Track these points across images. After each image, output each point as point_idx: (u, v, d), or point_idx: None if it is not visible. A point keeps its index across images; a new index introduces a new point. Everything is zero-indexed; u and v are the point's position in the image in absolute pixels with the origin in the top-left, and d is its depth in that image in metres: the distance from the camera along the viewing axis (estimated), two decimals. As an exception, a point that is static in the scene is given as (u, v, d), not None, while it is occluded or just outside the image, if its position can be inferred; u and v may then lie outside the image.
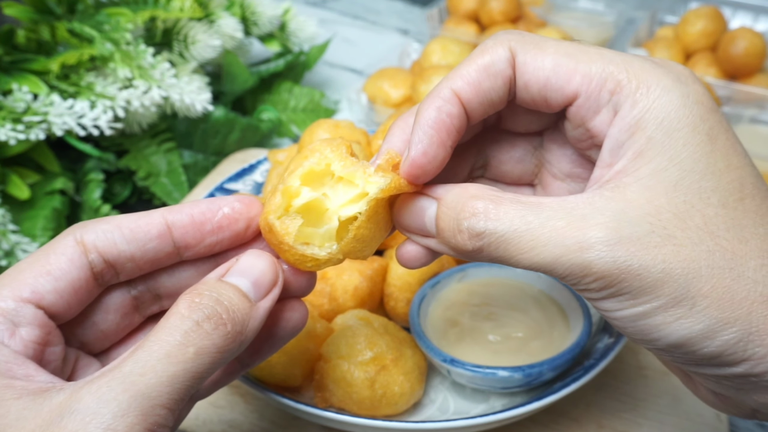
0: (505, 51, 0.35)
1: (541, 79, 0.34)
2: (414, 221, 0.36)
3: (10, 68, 0.74)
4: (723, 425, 0.54)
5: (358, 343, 0.50)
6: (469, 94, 0.35)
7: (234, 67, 0.90)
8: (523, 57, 0.35)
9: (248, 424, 0.55)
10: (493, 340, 0.52)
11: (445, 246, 0.35)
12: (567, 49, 0.34)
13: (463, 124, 0.36)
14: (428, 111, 0.35)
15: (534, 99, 0.35)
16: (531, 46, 0.35)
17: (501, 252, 0.32)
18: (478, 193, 0.33)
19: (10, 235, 0.67)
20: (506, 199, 0.32)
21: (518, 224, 0.31)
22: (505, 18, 1.06)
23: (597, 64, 0.33)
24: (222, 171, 0.83)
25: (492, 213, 0.32)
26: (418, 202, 0.36)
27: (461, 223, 0.33)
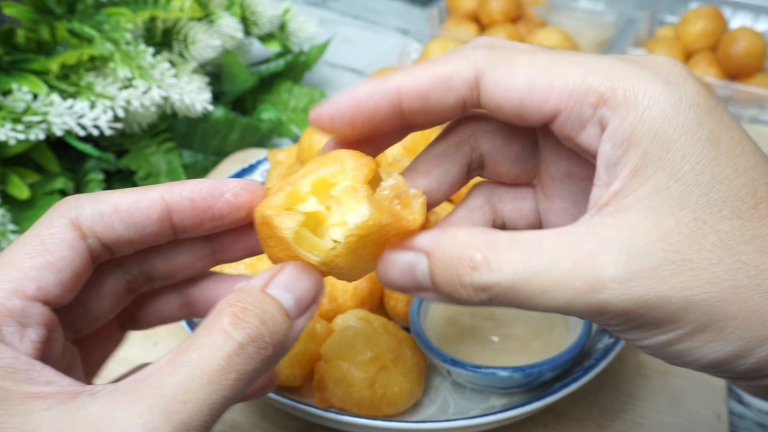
0: (467, 69, 0.32)
1: (515, 100, 0.31)
2: (404, 278, 0.33)
3: (10, 68, 0.74)
4: (723, 425, 0.54)
5: (358, 343, 0.50)
6: (413, 100, 0.33)
7: (234, 67, 0.90)
8: (492, 76, 0.32)
9: (248, 424, 0.55)
10: (493, 340, 0.52)
11: (446, 298, 0.32)
12: (541, 63, 0.31)
13: (390, 120, 0.34)
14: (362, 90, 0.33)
15: (509, 118, 0.33)
16: (502, 62, 0.32)
17: (510, 301, 0.30)
18: (471, 242, 0.30)
19: (9, 235, 0.67)
20: (503, 244, 0.30)
21: (523, 271, 0.29)
22: (505, 18, 1.06)
23: (574, 75, 0.30)
24: (222, 171, 0.83)
25: (493, 263, 0.29)
26: (403, 256, 0.32)
27: (463, 278, 0.30)
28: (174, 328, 0.63)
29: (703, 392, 0.56)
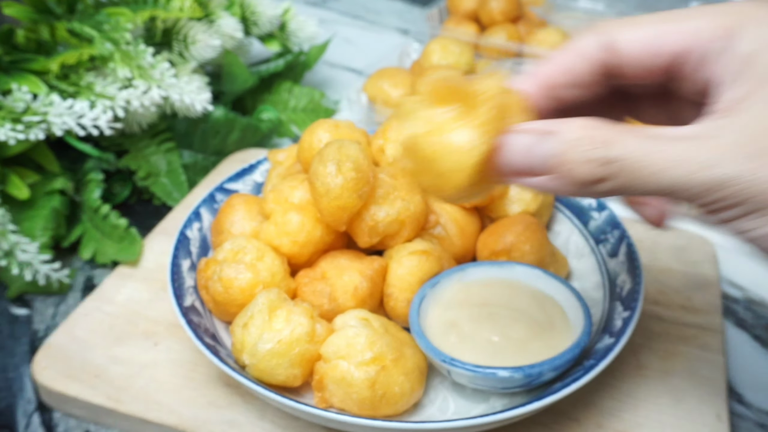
0: (596, 36, 0.38)
1: (645, 47, 0.36)
2: (524, 159, 0.36)
3: (10, 68, 0.74)
4: (723, 425, 0.54)
5: (358, 344, 0.50)
6: (558, 77, 0.39)
7: (234, 67, 0.90)
8: (621, 35, 0.37)
9: (248, 424, 0.54)
10: (493, 340, 0.52)
11: (562, 181, 0.35)
12: (663, 16, 0.36)
13: (543, 97, 0.39)
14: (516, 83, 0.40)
15: (643, 68, 0.37)
16: (628, 25, 0.37)
17: (628, 176, 0.33)
18: (605, 125, 0.34)
19: (9, 235, 0.67)
20: (631, 129, 0.33)
21: (647, 147, 0.32)
22: (506, 18, 1.06)
23: (698, 18, 0.35)
24: (222, 171, 0.83)
25: (619, 140, 0.33)
26: (527, 138, 0.36)
27: (589, 153, 0.33)
28: (174, 328, 0.63)
29: (703, 392, 0.56)
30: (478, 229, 0.64)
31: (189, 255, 0.63)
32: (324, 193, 0.54)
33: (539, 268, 0.58)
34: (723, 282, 0.72)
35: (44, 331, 0.68)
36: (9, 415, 0.60)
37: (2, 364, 0.64)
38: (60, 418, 0.59)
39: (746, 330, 0.67)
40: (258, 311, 0.52)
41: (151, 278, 0.69)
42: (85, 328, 0.63)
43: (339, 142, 0.56)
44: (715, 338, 0.61)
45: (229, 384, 0.58)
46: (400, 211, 0.57)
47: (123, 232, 0.73)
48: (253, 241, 0.57)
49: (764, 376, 0.62)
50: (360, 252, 0.60)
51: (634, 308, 0.54)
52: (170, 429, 0.55)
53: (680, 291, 0.67)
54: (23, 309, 0.71)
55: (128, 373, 0.59)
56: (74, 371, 0.59)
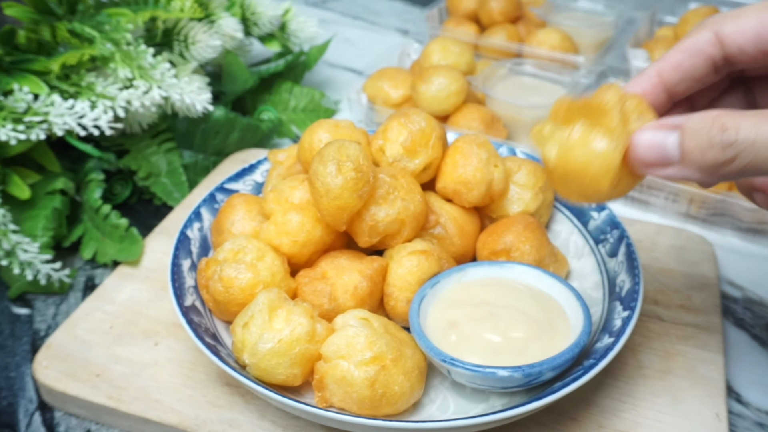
0: (706, 32, 0.41)
1: (752, 39, 0.39)
2: (654, 154, 0.40)
3: (11, 68, 0.74)
4: (722, 425, 0.54)
5: (358, 343, 0.50)
6: (670, 73, 0.43)
7: (234, 67, 0.91)
8: (727, 28, 0.40)
9: (248, 423, 0.55)
10: (493, 340, 0.53)
11: (692, 169, 0.38)
12: (765, 5, 0.39)
13: (658, 95, 0.44)
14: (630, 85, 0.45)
15: (754, 56, 0.41)
16: (730, 17, 0.40)
17: (751, 156, 0.36)
18: (722, 113, 0.37)
19: (10, 235, 0.67)
20: (750, 114, 0.36)
21: (765, 128, 0.35)
22: (505, 18, 1.06)
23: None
24: (222, 171, 0.84)
25: (737, 124, 0.36)
26: (656, 134, 0.40)
27: (713, 139, 0.36)
28: (174, 328, 0.63)
29: (702, 392, 0.56)
30: (477, 229, 0.64)
31: (189, 255, 0.63)
32: (324, 193, 0.55)
33: (539, 268, 0.58)
34: (722, 282, 0.72)
35: (45, 331, 0.68)
36: (10, 414, 0.60)
37: (4, 364, 0.65)
38: (61, 418, 0.60)
39: (745, 329, 0.67)
40: (258, 311, 0.52)
41: (152, 278, 0.69)
42: (85, 328, 0.63)
43: (339, 142, 0.56)
44: (714, 338, 0.61)
45: (229, 383, 0.58)
46: (400, 211, 0.57)
47: (123, 232, 0.73)
48: (253, 241, 0.57)
49: (763, 376, 0.63)
50: (360, 252, 0.60)
51: (633, 308, 0.54)
52: (171, 428, 0.55)
53: (679, 291, 0.67)
54: (24, 308, 0.71)
55: (129, 372, 0.59)
56: (75, 371, 0.59)
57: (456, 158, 0.62)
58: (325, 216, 0.56)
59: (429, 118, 0.63)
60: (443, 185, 0.63)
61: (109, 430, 0.58)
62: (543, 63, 0.97)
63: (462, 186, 0.62)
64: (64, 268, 0.73)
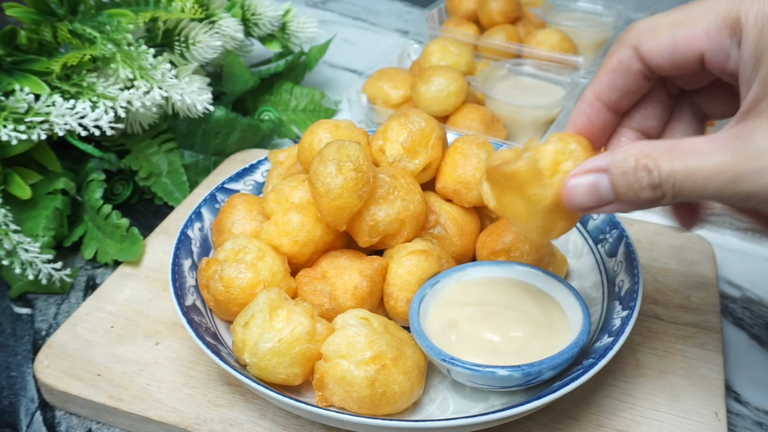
0: (627, 50, 0.43)
1: (668, 58, 0.41)
2: (590, 198, 0.42)
3: (12, 69, 0.74)
4: (721, 424, 0.54)
5: (358, 343, 0.50)
6: (607, 94, 0.45)
7: (235, 67, 0.91)
8: (644, 46, 0.42)
9: (249, 422, 0.55)
10: (493, 339, 0.53)
11: (626, 204, 0.40)
12: (676, 18, 0.40)
13: (604, 116, 0.46)
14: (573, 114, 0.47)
15: (674, 72, 0.42)
16: (646, 33, 0.41)
17: (678, 191, 0.37)
18: (641, 152, 0.38)
19: (12, 234, 0.67)
20: (666, 150, 0.38)
21: (688, 167, 0.37)
22: (505, 18, 1.07)
23: (707, 17, 0.39)
24: (223, 171, 0.84)
25: (662, 166, 0.37)
26: (585, 179, 0.41)
27: (641, 182, 0.38)
28: (175, 327, 0.63)
29: (701, 391, 0.56)
30: (477, 229, 0.65)
31: (190, 254, 0.63)
32: (324, 193, 0.55)
33: (538, 268, 0.58)
34: (721, 281, 0.73)
35: (46, 330, 0.69)
36: (12, 413, 0.60)
37: (5, 363, 0.65)
38: (62, 417, 0.60)
39: (744, 329, 0.67)
40: (259, 310, 0.52)
41: (153, 278, 0.70)
42: (86, 328, 0.64)
43: (339, 143, 0.56)
44: (713, 337, 0.61)
45: (230, 383, 0.58)
46: (400, 210, 0.58)
47: (124, 231, 0.73)
48: (253, 240, 0.58)
49: (762, 375, 0.63)
50: (360, 252, 0.60)
51: (632, 307, 0.54)
52: (171, 427, 0.55)
53: (678, 290, 0.67)
54: (25, 308, 0.71)
55: (130, 371, 0.59)
56: (76, 370, 0.59)
57: (456, 158, 0.63)
58: (325, 216, 0.56)
59: (429, 118, 0.63)
60: (443, 185, 0.63)
61: (110, 430, 0.58)
62: (542, 63, 0.98)
63: (462, 186, 0.62)
64: (65, 267, 0.73)
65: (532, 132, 0.91)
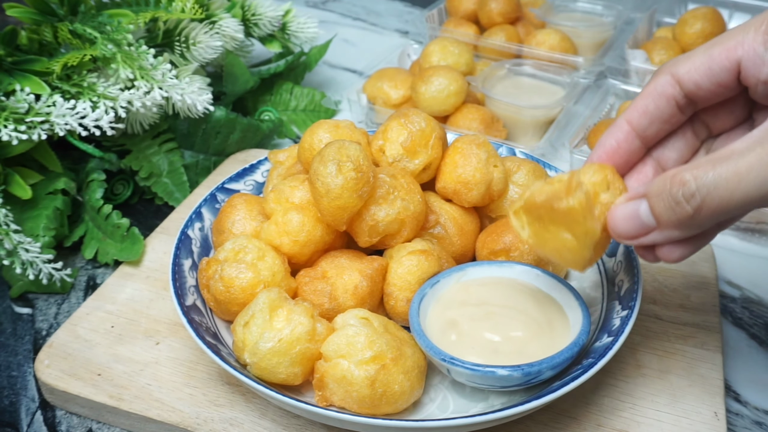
0: (664, 76, 0.44)
1: (705, 73, 0.42)
2: (632, 226, 0.43)
3: (13, 69, 0.74)
4: (721, 423, 0.54)
5: (358, 342, 0.51)
6: (639, 119, 0.46)
7: (235, 68, 0.91)
8: (681, 69, 0.43)
9: (249, 422, 0.55)
10: (493, 339, 0.53)
11: (668, 229, 0.41)
12: (713, 41, 0.42)
13: (631, 142, 0.47)
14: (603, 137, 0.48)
15: (710, 90, 0.43)
16: (683, 59, 0.44)
17: (717, 200, 0.38)
18: (677, 170, 0.40)
19: (12, 234, 0.67)
20: (701, 163, 0.39)
21: (720, 171, 0.38)
22: (505, 19, 1.07)
23: (741, 31, 0.41)
24: (223, 171, 0.84)
25: (697, 175, 0.39)
26: (626, 208, 0.43)
27: (676, 196, 0.39)
28: (175, 327, 0.63)
29: (701, 391, 0.57)
30: (477, 229, 0.65)
31: (190, 254, 0.63)
32: (324, 193, 0.55)
33: (538, 268, 0.58)
34: (721, 281, 0.73)
35: (47, 330, 0.69)
36: (12, 413, 0.60)
37: (6, 363, 0.65)
38: (62, 416, 0.60)
39: (743, 329, 0.68)
40: (259, 310, 0.52)
41: (153, 277, 0.70)
42: (87, 327, 0.64)
43: (339, 143, 0.56)
44: (712, 337, 0.62)
45: (230, 382, 0.58)
46: (400, 210, 0.58)
47: (125, 231, 0.73)
48: (254, 240, 0.58)
49: (761, 375, 0.63)
50: (360, 251, 0.60)
51: (632, 307, 0.54)
52: (172, 427, 0.55)
53: (678, 290, 0.67)
54: (26, 308, 0.71)
55: (130, 371, 0.59)
56: (76, 370, 0.59)
57: (456, 158, 0.63)
58: (325, 216, 0.56)
59: (429, 118, 0.63)
60: (443, 185, 0.63)
61: (110, 429, 0.59)
62: (542, 63, 0.98)
63: (462, 186, 0.62)
64: (66, 267, 0.73)
65: (531, 132, 0.91)
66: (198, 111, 0.80)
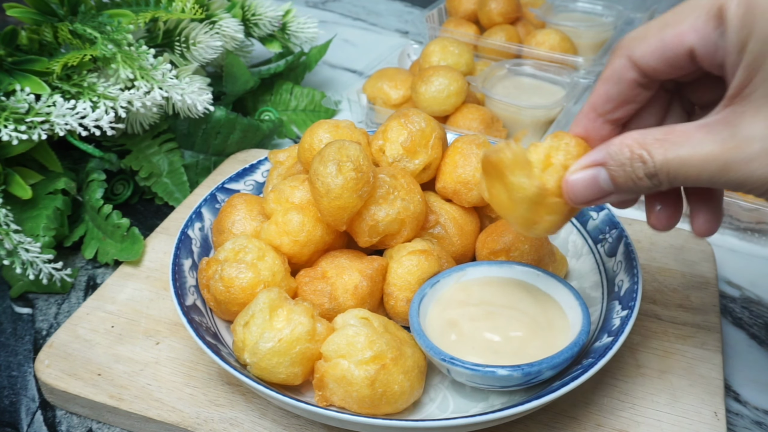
0: (620, 59, 0.43)
1: (660, 58, 0.41)
2: (590, 192, 0.44)
3: (13, 69, 0.74)
4: (721, 423, 0.54)
5: (358, 342, 0.51)
6: (603, 105, 0.46)
7: (235, 68, 0.91)
8: (636, 52, 0.42)
9: (249, 422, 0.55)
10: (493, 339, 0.53)
11: (626, 193, 0.42)
12: (665, 20, 0.41)
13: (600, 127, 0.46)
14: (571, 126, 0.48)
15: (668, 72, 0.43)
16: (637, 40, 0.42)
17: (674, 176, 0.39)
18: (635, 142, 0.40)
19: (12, 234, 0.67)
20: (660, 139, 0.39)
21: (682, 152, 0.39)
22: (505, 19, 1.07)
23: (693, 13, 0.39)
24: (223, 171, 0.84)
25: (655, 154, 0.39)
26: (585, 174, 0.44)
27: (637, 172, 0.40)
28: (175, 327, 0.64)
29: (700, 391, 0.57)
30: (477, 229, 0.65)
31: (190, 254, 0.63)
32: (324, 193, 0.55)
33: (538, 268, 0.58)
34: (720, 281, 0.73)
35: (47, 330, 0.69)
36: (13, 413, 0.60)
37: (6, 363, 0.65)
38: (63, 416, 0.60)
39: (743, 329, 0.68)
40: (259, 310, 0.52)
41: (153, 277, 0.70)
42: (87, 327, 0.64)
43: (339, 143, 0.56)
44: (712, 337, 0.62)
45: (230, 382, 0.58)
46: (400, 210, 0.58)
47: (125, 231, 0.73)
48: (254, 240, 0.58)
49: (761, 375, 0.63)
50: (360, 251, 0.60)
51: (632, 307, 0.54)
52: (172, 427, 0.55)
53: (678, 290, 0.67)
54: (26, 308, 0.72)
55: (130, 371, 0.59)
56: (77, 370, 0.59)
57: (456, 158, 0.63)
58: (325, 216, 0.56)
59: (429, 118, 0.63)
60: (443, 185, 0.63)
61: (110, 429, 0.59)
62: (542, 64, 0.98)
63: (462, 186, 0.62)
64: (66, 267, 0.73)
65: (531, 132, 0.91)
66: (198, 111, 0.80)
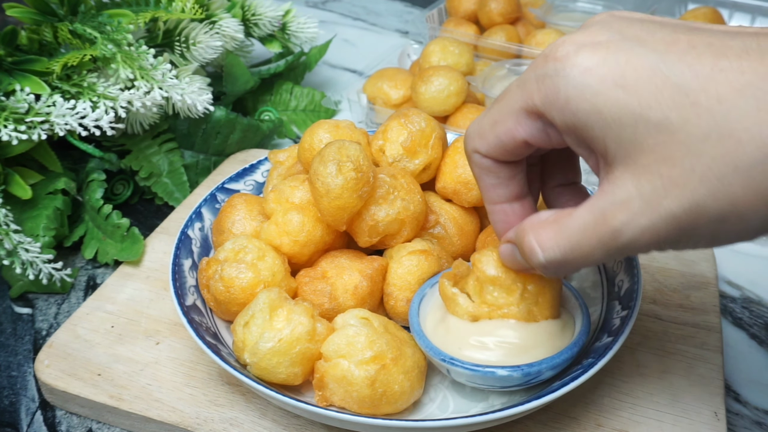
0: (474, 155, 0.45)
1: (502, 152, 0.43)
2: (514, 265, 0.47)
3: (13, 69, 0.74)
4: (721, 424, 0.54)
5: (358, 342, 0.51)
6: (497, 195, 0.46)
7: (235, 68, 0.91)
8: (482, 149, 0.44)
9: (249, 422, 0.55)
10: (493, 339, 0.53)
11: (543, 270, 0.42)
12: (493, 117, 0.42)
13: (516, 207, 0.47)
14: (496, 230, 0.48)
15: (524, 154, 0.44)
16: (476, 139, 0.44)
17: (565, 265, 0.40)
18: (526, 229, 0.42)
19: (12, 234, 0.67)
20: (547, 228, 0.40)
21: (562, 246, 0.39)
22: (505, 19, 1.07)
23: (512, 114, 0.41)
24: (223, 171, 0.84)
25: (547, 247, 0.40)
26: (506, 249, 0.47)
27: (531, 260, 0.41)
28: (175, 327, 0.64)
29: (700, 391, 0.57)
30: (477, 229, 0.65)
31: (190, 254, 0.63)
32: (324, 193, 0.55)
33: (538, 268, 0.58)
34: (720, 281, 0.73)
35: (47, 330, 0.69)
36: (12, 413, 0.60)
37: (5, 363, 0.65)
38: (62, 417, 0.60)
39: (743, 329, 0.68)
40: (259, 310, 0.52)
41: (153, 277, 0.70)
42: (87, 327, 0.64)
43: (339, 143, 0.56)
44: (712, 337, 0.62)
45: (230, 382, 0.58)
46: (400, 210, 0.58)
47: (125, 231, 0.73)
48: (254, 240, 0.58)
49: (761, 375, 0.63)
50: (360, 251, 0.60)
51: (632, 307, 0.54)
52: (172, 427, 0.55)
53: (678, 290, 0.67)
54: (26, 308, 0.72)
55: (130, 371, 0.59)
56: (77, 370, 0.59)
57: (456, 158, 0.63)
58: (325, 216, 0.56)
59: (429, 118, 0.63)
60: (443, 185, 0.63)
61: (110, 429, 0.59)
62: (542, 63, 0.97)
63: (462, 186, 0.62)
64: (66, 267, 0.73)
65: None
66: (198, 111, 0.80)
